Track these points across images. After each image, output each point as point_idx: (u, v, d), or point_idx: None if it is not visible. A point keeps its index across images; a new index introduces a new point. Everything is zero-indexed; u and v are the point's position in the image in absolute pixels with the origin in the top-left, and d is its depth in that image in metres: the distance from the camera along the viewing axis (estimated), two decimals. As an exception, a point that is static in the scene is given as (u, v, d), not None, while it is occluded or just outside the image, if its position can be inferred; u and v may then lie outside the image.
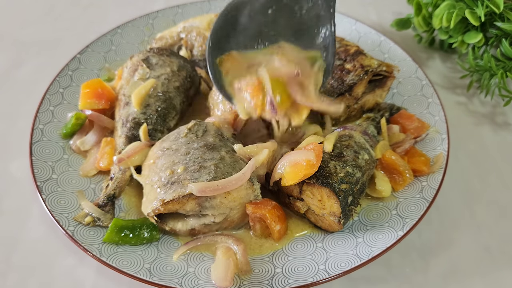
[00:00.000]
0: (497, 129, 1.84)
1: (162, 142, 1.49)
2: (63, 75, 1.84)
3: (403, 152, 1.59)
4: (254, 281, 1.31)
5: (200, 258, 1.38)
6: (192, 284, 1.30)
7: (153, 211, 1.35)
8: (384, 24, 2.29)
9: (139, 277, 1.29)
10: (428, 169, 1.53)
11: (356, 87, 1.65)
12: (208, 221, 1.38)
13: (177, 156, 1.41)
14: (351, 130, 1.56)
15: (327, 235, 1.44)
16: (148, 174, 1.44)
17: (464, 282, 1.40)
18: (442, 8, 1.85)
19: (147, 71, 1.70)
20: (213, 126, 1.51)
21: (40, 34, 2.25)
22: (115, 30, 2.04)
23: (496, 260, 1.45)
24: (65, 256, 1.44)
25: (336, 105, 1.39)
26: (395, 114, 1.70)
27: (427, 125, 1.67)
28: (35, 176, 1.51)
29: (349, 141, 1.50)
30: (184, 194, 1.31)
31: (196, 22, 1.86)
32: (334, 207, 1.35)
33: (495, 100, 1.94)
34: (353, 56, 1.72)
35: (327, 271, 1.31)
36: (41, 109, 1.71)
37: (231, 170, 1.37)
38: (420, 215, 1.41)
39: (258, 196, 1.40)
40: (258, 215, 1.38)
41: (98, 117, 1.67)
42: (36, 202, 1.56)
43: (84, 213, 1.45)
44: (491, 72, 1.82)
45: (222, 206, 1.36)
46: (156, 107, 1.63)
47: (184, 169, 1.36)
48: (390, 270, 1.42)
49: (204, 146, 1.43)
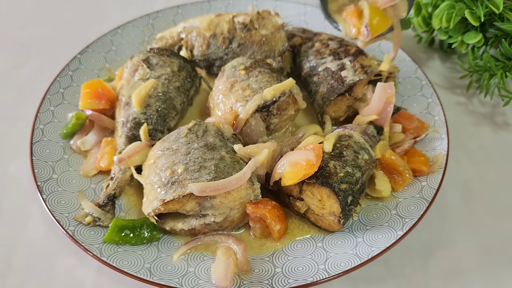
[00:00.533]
0: (497, 129, 1.84)
1: (163, 142, 1.49)
2: (64, 75, 1.84)
3: (403, 152, 1.60)
4: (254, 281, 1.32)
5: (200, 258, 1.38)
6: (192, 284, 1.30)
7: (154, 211, 1.35)
8: (384, 24, 2.29)
9: (140, 277, 1.30)
10: (427, 169, 1.54)
11: (356, 87, 1.65)
12: (209, 221, 1.38)
13: (177, 156, 1.42)
14: (351, 130, 1.56)
15: (327, 235, 1.44)
16: (148, 174, 1.44)
17: (464, 282, 1.40)
18: (442, 9, 1.85)
19: (147, 71, 1.70)
20: (213, 126, 1.52)
21: (40, 34, 2.25)
22: (115, 30, 2.04)
23: (496, 260, 1.45)
24: (65, 256, 1.44)
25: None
26: (395, 114, 1.71)
27: (427, 125, 1.68)
28: (36, 176, 1.51)
29: (348, 141, 1.50)
30: (184, 194, 1.31)
31: (196, 22, 1.86)
32: (334, 207, 1.35)
33: (495, 100, 1.94)
34: (353, 56, 1.72)
35: (327, 270, 1.32)
36: (42, 109, 1.71)
37: (231, 170, 1.37)
38: (420, 215, 1.41)
39: (258, 196, 1.40)
40: (258, 215, 1.38)
41: (99, 117, 1.67)
42: (36, 202, 1.56)
43: (84, 213, 1.45)
44: (490, 72, 1.82)
45: (222, 206, 1.36)
46: (157, 107, 1.64)
47: (184, 169, 1.37)
48: (389, 270, 1.42)
49: (204, 146, 1.43)
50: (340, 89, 1.65)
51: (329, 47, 1.81)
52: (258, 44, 1.83)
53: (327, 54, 1.78)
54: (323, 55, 1.79)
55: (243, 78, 1.64)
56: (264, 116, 1.59)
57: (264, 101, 1.56)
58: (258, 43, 1.82)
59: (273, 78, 1.65)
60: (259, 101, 1.55)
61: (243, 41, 1.82)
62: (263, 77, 1.64)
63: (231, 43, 1.82)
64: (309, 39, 1.90)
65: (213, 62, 1.86)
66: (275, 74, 1.69)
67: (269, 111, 1.58)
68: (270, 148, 1.46)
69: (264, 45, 1.83)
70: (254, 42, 1.82)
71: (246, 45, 1.83)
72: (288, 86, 1.59)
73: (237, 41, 1.82)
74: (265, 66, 1.71)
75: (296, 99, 1.63)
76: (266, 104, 1.56)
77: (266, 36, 1.82)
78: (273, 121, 1.63)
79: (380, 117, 1.64)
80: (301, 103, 1.64)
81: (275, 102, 1.57)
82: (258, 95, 1.56)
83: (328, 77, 1.71)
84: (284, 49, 1.85)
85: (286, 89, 1.59)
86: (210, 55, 1.84)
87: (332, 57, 1.76)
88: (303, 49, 1.88)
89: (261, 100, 1.56)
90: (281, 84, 1.59)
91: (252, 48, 1.83)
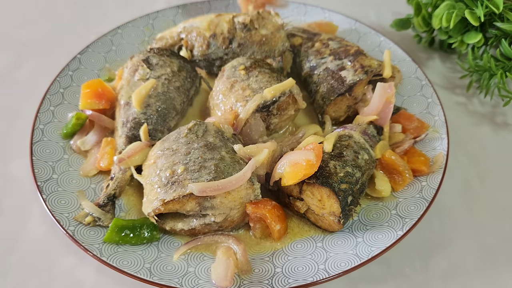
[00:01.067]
0: (497, 129, 1.84)
1: (163, 142, 1.49)
2: (64, 75, 1.84)
3: (403, 152, 1.60)
4: (254, 281, 1.32)
5: (200, 258, 1.38)
6: (192, 284, 1.30)
7: (154, 211, 1.35)
8: (384, 24, 2.29)
9: (140, 277, 1.30)
10: (427, 169, 1.54)
11: (356, 87, 1.65)
12: (209, 221, 1.38)
13: (177, 156, 1.41)
14: (351, 130, 1.56)
15: (327, 235, 1.44)
16: (148, 174, 1.44)
17: (464, 282, 1.40)
18: (442, 8, 1.86)
19: (147, 71, 1.70)
20: (213, 126, 1.52)
21: (40, 34, 2.25)
22: (116, 30, 2.04)
23: (496, 260, 1.45)
24: (65, 256, 1.44)
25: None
26: (395, 114, 1.71)
27: (427, 125, 1.68)
28: (36, 176, 1.51)
29: (348, 141, 1.50)
30: (184, 194, 1.31)
31: (196, 22, 1.87)
32: (334, 207, 1.35)
33: (495, 100, 1.94)
34: (353, 56, 1.72)
35: (327, 270, 1.32)
36: (42, 109, 1.71)
37: (231, 170, 1.37)
38: (420, 215, 1.41)
39: (258, 196, 1.40)
40: (258, 215, 1.38)
41: (99, 117, 1.67)
42: (36, 202, 1.56)
43: (84, 213, 1.45)
44: (490, 72, 1.82)
45: (223, 206, 1.36)
46: (157, 107, 1.64)
47: (185, 169, 1.37)
48: (389, 270, 1.42)
49: (204, 146, 1.43)
50: (340, 89, 1.65)
51: (329, 47, 1.81)
52: (258, 44, 1.83)
53: (327, 54, 1.78)
54: (323, 55, 1.79)
55: (243, 78, 1.64)
56: (264, 116, 1.59)
57: (264, 101, 1.56)
58: (258, 43, 1.82)
59: (273, 78, 1.65)
60: (259, 101, 1.55)
61: (243, 41, 1.82)
62: (263, 77, 1.64)
63: (231, 43, 1.82)
64: (309, 39, 1.90)
65: (213, 62, 1.86)
66: (275, 74, 1.69)
67: (269, 111, 1.58)
68: (270, 148, 1.46)
69: (264, 45, 1.83)
70: (254, 42, 1.82)
71: (246, 45, 1.83)
72: (288, 86, 1.59)
73: (237, 41, 1.82)
74: (265, 66, 1.71)
75: (296, 99, 1.63)
76: (266, 104, 1.56)
77: (266, 36, 1.82)
78: (273, 121, 1.63)
79: (380, 117, 1.64)
80: (301, 103, 1.64)
81: (275, 102, 1.57)
82: (258, 95, 1.56)
83: (328, 77, 1.71)
84: (284, 49, 1.85)
85: (286, 89, 1.59)
86: (210, 55, 1.84)
87: (332, 57, 1.76)
88: (303, 49, 1.88)
89: (261, 100, 1.56)
90: (281, 84, 1.59)
91: (252, 48, 1.83)
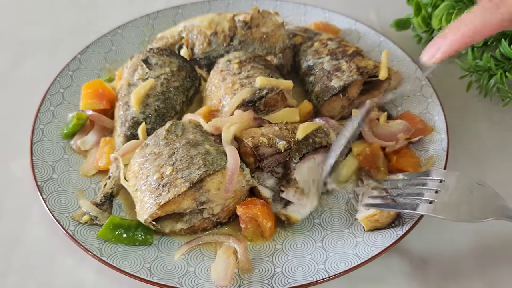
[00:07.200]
0: (497, 129, 1.84)
1: (142, 149, 1.49)
2: (64, 75, 1.84)
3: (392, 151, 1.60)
4: (254, 281, 1.32)
5: (200, 257, 1.38)
6: (192, 284, 1.30)
7: (151, 216, 1.35)
8: (384, 25, 2.29)
9: (140, 277, 1.30)
10: (414, 171, 1.53)
11: (351, 88, 1.66)
12: (206, 215, 1.40)
13: (162, 159, 1.42)
14: (330, 128, 1.56)
15: (326, 235, 1.44)
16: (135, 183, 1.44)
17: (464, 282, 1.40)
18: (442, 9, 1.85)
19: (146, 71, 1.70)
20: (190, 123, 1.53)
21: (40, 34, 2.24)
22: (116, 30, 2.04)
23: (496, 260, 1.45)
24: (65, 255, 1.44)
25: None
26: (399, 115, 1.71)
27: (429, 127, 1.67)
28: (36, 176, 1.51)
29: (322, 139, 1.50)
30: (179, 193, 1.32)
31: (197, 21, 1.88)
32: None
33: (495, 100, 1.94)
34: (350, 57, 1.72)
35: (327, 270, 1.32)
36: (42, 109, 1.71)
37: (219, 161, 1.39)
38: (420, 214, 1.41)
39: (249, 180, 1.41)
40: (250, 215, 1.38)
41: (99, 118, 1.67)
42: (36, 202, 1.56)
43: (82, 211, 1.45)
44: (490, 73, 1.82)
45: (218, 197, 1.37)
46: (155, 107, 1.64)
47: (173, 170, 1.37)
48: (389, 270, 1.42)
49: (187, 143, 1.43)
50: (334, 89, 1.66)
51: (328, 47, 1.81)
52: (259, 41, 1.83)
53: (325, 54, 1.79)
54: (321, 55, 1.79)
55: (235, 71, 1.65)
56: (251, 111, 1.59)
57: (250, 95, 1.56)
58: (259, 40, 1.83)
59: (265, 75, 1.64)
60: (245, 96, 1.56)
61: (244, 39, 1.83)
62: (255, 72, 1.64)
63: (232, 40, 1.83)
64: (309, 39, 1.90)
65: (214, 60, 1.86)
66: (268, 70, 1.68)
67: (256, 106, 1.58)
68: (236, 121, 1.49)
69: (265, 42, 1.83)
70: (255, 39, 1.83)
71: (247, 42, 1.83)
72: (283, 85, 1.60)
73: (238, 38, 1.83)
74: (260, 62, 1.71)
75: (286, 97, 1.63)
76: (253, 99, 1.56)
77: (267, 33, 1.83)
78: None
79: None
80: (290, 101, 1.65)
81: (262, 98, 1.57)
82: (245, 90, 1.56)
83: (324, 77, 1.72)
84: (285, 46, 1.85)
85: (278, 86, 1.59)
86: (211, 53, 1.85)
87: (329, 57, 1.76)
88: (302, 48, 1.88)
89: (247, 95, 1.56)
90: (278, 80, 1.60)
91: (253, 45, 1.83)
